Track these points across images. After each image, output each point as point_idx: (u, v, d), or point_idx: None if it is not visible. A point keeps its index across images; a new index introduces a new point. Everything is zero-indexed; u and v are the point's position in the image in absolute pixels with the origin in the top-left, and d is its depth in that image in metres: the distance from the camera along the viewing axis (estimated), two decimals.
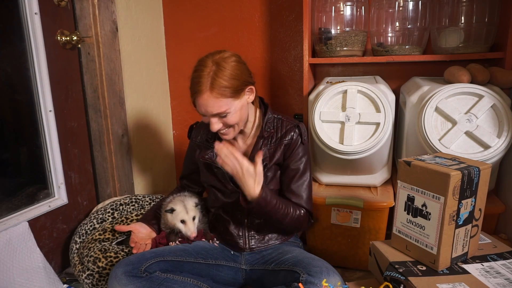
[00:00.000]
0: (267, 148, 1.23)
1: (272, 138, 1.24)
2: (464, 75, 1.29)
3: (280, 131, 1.25)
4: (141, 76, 1.82)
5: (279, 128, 1.25)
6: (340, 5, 1.56)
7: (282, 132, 1.24)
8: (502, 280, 0.88)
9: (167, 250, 1.19)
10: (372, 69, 1.75)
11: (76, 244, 1.39)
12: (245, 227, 1.26)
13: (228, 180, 1.23)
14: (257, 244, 1.27)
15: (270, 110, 1.28)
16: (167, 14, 1.98)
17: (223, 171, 1.20)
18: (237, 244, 1.27)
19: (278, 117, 1.27)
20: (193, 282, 1.13)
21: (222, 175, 1.23)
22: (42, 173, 1.42)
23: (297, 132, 1.24)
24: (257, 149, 1.22)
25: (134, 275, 1.07)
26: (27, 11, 1.31)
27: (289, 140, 1.23)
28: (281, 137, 1.24)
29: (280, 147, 1.23)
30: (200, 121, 1.36)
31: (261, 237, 1.27)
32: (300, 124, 1.26)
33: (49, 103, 1.40)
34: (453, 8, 1.45)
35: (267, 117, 1.25)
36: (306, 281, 1.01)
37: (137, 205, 1.52)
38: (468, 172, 0.90)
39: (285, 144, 1.23)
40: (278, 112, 1.30)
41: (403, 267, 0.95)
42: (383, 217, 1.39)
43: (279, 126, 1.25)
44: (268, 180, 1.23)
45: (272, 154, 1.23)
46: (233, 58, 1.13)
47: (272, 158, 1.23)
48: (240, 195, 1.14)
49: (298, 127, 1.25)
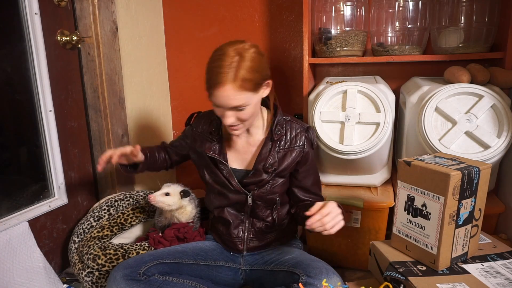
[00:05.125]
0: (275, 152, 1.19)
1: (281, 141, 1.19)
2: (464, 75, 1.29)
3: (290, 134, 1.20)
4: (141, 76, 1.82)
5: (288, 130, 1.20)
6: (340, 5, 1.56)
7: (292, 136, 1.20)
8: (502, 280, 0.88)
9: (166, 252, 1.18)
10: (372, 69, 1.75)
11: (75, 243, 1.39)
12: (246, 230, 1.25)
13: (233, 175, 1.20)
14: (255, 247, 1.26)
15: (280, 111, 1.22)
16: (167, 14, 1.98)
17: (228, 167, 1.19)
18: (236, 246, 1.26)
19: (287, 119, 1.22)
20: (192, 284, 1.13)
21: (228, 171, 1.20)
22: (42, 173, 1.42)
23: (308, 137, 1.21)
24: (265, 151, 1.18)
25: (132, 278, 1.06)
26: (27, 11, 1.31)
27: (301, 147, 1.19)
28: (291, 141, 1.20)
29: (291, 153, 1.19)
30: (203, 112, 1.32)
31: (260, 241, 1.26)
32: (310, 129, 1.22)
33: (49, 103, 1.40)
34: (453, 8, 1.45)
35: (277, 118, 1.20)
36: (305, 282, 1.01)
37: (132, 200, 1.51)
38: (468, 172, 0.90)
39: (296, 151, 1.19)
40: (285, 113, 1.25)
41: (403, 267, 0.95)
42: (383, 217, 1.39)
43: (288, 128, 1.21)
44: (275, 185, 1.21)
45: (281, 158, 1.19)
46: (253, 49, 1.06)
47: (282, 163, 1.18)
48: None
49: (307, 131, 1.21)
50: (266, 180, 1.18)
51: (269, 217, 1.24)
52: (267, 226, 1.25)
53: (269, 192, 1.20)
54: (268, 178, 1.18)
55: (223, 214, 1.26)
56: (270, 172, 1.17)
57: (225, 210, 1.26)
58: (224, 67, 1.01)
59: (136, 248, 1.32)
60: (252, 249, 1.26)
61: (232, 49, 1.04)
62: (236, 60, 1.02)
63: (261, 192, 1.19)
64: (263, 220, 1.24)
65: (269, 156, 1.17)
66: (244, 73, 1.02)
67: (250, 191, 1.20)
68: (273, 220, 1.24)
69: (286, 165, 1.19)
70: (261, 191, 1.19)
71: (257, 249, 1.27)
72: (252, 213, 1.23)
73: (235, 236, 1.25)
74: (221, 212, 1.27)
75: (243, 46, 1.06)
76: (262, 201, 1.21)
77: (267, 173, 1.18)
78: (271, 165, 1.17)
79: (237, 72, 1.01)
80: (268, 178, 1.18)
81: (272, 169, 1.17)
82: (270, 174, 1.18)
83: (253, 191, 1.19)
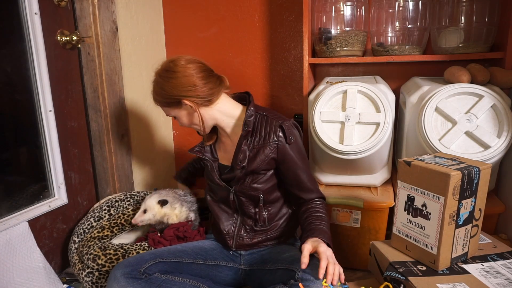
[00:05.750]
0: (247, 148, 1.17)
1: (255, 137, 1.17)
2: (464, 75, 1.29)
3: (264, 129, 1.17)
4: (141, 76, 1.82)
5: (263, 125, 1.17)
6: (340, 5, 1.56)
7: (266, 131, 1.16)
8: (502, 280, 0.88)
9: (166, 251, 1.19)
10: (372, 69, 1.75)
11: (75, 244, 1.39)
12: (236, 227, 1.26)
13: (216, 172, 1.24)
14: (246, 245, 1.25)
15: (253, 106, 1.19)
16: (167, 14, 1.98)
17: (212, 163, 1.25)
18: (225, 241, 1.27)
19: (262, 114, 1.19)
20: (192, 283, 1.12)
21: (211, 166, 1.25)
22: (42, 173, 1.42)
23: (281, 134, 1.15)
24: (239, 148, 1.18)
25: (133, 276, 1.06)
26: (27, 11, 1.31)
27: (275, 143, 1.15)
28: (264, 137, 1.16)
29: (264, 150, 1.16)
30: None
31: (252, 238, 1.25)
32: (284, 124, 1.15)
33: (49, 103, 1.40)
34: (453, 8, 1.45)
35: (247, 113, 1.17)
36: (302, 278, 1.02)
37: (132, 200, 1.52)
38: (468, 172, 0.90)
39: (269, 147, 1.16)
40: (265, 108, 1.22)
41: (403, 267, 0.95)
42: (383, 217, 1.39)
43: (263, 123, 1.18)
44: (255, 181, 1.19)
45: (253, 155, 1.17)
46: (167, 74, 1.15)
47: (253, 160, 1.16)
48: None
49: (281, 127, 1.15)
50: (238, 176, 1.19)
51: (258, 215, 1.24)
52: (257, 224, 1.25)
53: (249, 188, 1.20)
54: (240, 174, 1.19)
55: (215, 209, 1.30)
56: (239, 169, 1.18)
57: (216, 205, 1.30)
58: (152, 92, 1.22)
59: (136, 248, 1.32)
60: (242, 246, 1.26)
61: (157, 69, 1.20)
62: (154, 79, 1.20)
63: (241, 187, 1.21)
64: (252, 218, 1.25)
65: (240, 153, 1.18)
66: (153, 93, 1.22)
67: (232, 186, 1.22)
68: (263, 218, 1.24)
69: (258, 161, 1.16)
70: (241, 186, 1.21)
71: (249, 247, 1.26)
72: (240, 209, 1.25)
73: (225, 232, 1.27)
74: (214, 208, 1.30)
75: (163, 66, 1.18)
76: (245, 196, 1.22)
77: (237, 170, 1.19)
78: (240, 161, 1.18)
79: (152, 91, 1.22)
80: (240, 174, 1.19)
81: (240, 166, 1.18)
82: (240, 171, 1.19)
83: (235, 186, 1.21)
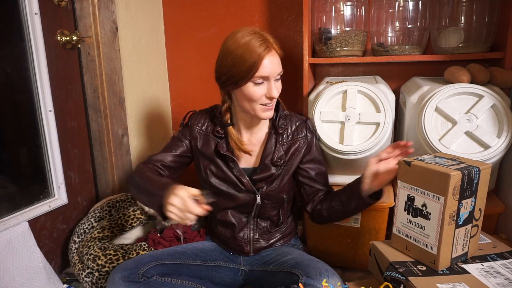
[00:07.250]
0: (280, 145, 1.20)
1: (284, 135, 1.21)
2: (464, 75, 1.29)
3: (291, 127, 1.23)
4: (141, 76, 1.82)
5: (289, 124, 1.23)
6: (340, 5, 1.55)
7: (293, 128, 1.22)
8: (502, 280, 0.88)
9: (165, 253, 1.18)
10: (372, 69, 1.75)
11: (75, 244, 1.39)
12: (251, 231, 1.24)
13: (244, 173, 1.18)
14: (261, 248, 1.25)
15: (282, 105, 1.24)
16: (167, 14, 1.98)
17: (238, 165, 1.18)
18: (242, 248, 1.24)
19: (286, 113, 1.25)
20: (191, 285, 1.12)
21: (238, 170, 1.18)
22: (42, 173, 1.42)
23: (309, 127, 1.23)
24: (270, 145, 1.19)
25: (131, 280, 1.05)
26: (27, 11, 1.31)
27: (304, 137, 1.22)
28: (293, 133, 1.22)
29: (294, 145, 1.21)
30: (198, 111, 1.28)
31: (266, 241, 1.26)
32: (308, 120, 1.25)
33: (49, 103, 1.40)
34: (453, 8, 1.45)
35: (279, 112, 1.21)
36: (305, 283, 1.01)
37: (133, 201, 1.52)
38: (468, 172, 0.90)
39: (299, 142, 1.21)
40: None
41: (403, 267, 0.95)
42: (383, 217, 1.38)
43: (289, 122, 1.23)
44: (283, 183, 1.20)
45: (286, 151, 1.20)
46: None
47: (287, 155, 1.20)
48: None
49: (306, 122, 1.24)
50: (275, 174, 1.18)
51: (275, 216, 1.24)
52: (271, 225, 1.24)
53: (278, 190, 1.20)
54: (278, 172, 1.18)
55: (227, 217, 1.23)
56: (279, 165, 1.18)
57: (228, 212, 1.23)
58: (263, 36, 1.05)
59: (136, 248, 1.32)
60: (258, 250, 1.25)
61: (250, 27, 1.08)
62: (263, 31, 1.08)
63: (269, 190, 1.19)
64: (268, 219, 1.24)
65: (276, 150, 1.18)
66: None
67: (259, 190, 1.19)
68: (278, 218, 1.24)
69: (293, 156, 1.21)
70: (270, 189, 1.19)
71: (263, 250, 1.26)
72: (259, 213, 1.22)
73: (240, 239, 1.24)
74: (224, 215, 1.23)
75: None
76: (270, 199, 1.21)
77: (276, 166, 1.18)
78: (280, 158, 1.18)
79: (272, 38, 1.07)
80: (277, 172, 1.18)
81: (281, 162, 1.17)
82: (279, 168, 1.18)
83: (261, 189, 1.19)
